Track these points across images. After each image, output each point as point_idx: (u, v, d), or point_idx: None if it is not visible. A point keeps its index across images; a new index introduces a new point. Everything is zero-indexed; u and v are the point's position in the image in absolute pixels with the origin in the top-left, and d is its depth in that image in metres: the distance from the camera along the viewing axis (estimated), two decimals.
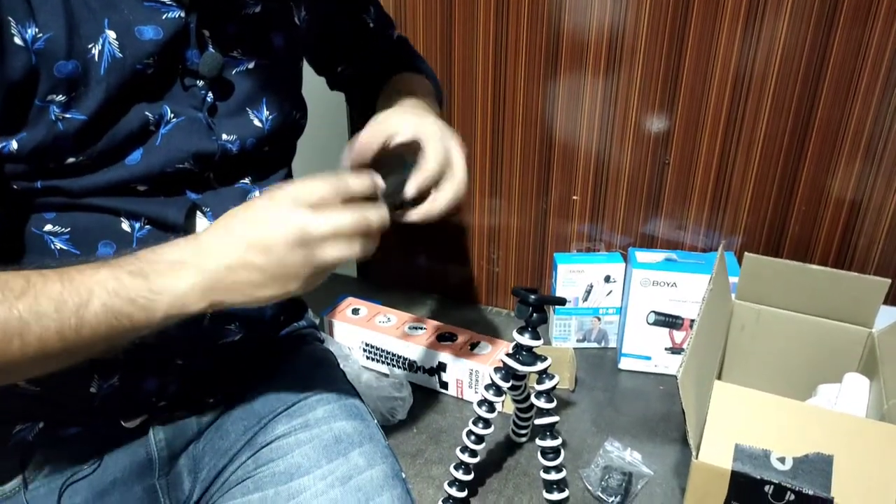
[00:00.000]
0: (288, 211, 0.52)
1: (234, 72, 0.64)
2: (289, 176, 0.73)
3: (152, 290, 0.51)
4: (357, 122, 0.85)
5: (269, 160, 0.68)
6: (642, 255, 1.15)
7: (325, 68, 0.87)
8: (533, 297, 0.82)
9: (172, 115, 0.59)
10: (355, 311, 1.21)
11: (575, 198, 1.23)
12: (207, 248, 0.53)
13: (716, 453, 0.72)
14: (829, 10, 0.99)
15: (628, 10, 1.07)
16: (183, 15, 0.58)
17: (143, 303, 0.51)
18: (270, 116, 0.66)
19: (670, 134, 1.13)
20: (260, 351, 0.76)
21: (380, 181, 0.58)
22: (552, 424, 0.86)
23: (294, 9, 0.70)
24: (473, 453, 0.88)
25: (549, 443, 0.86)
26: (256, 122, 0.65)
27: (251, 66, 0.65)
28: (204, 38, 0.60)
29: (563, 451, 0.87)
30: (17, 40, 0.51)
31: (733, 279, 1.03)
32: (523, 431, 1.01)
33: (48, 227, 0.58)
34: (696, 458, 0.72)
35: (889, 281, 0.92)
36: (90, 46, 0.54)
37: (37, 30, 0.52)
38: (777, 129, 1.08)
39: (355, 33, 0.81)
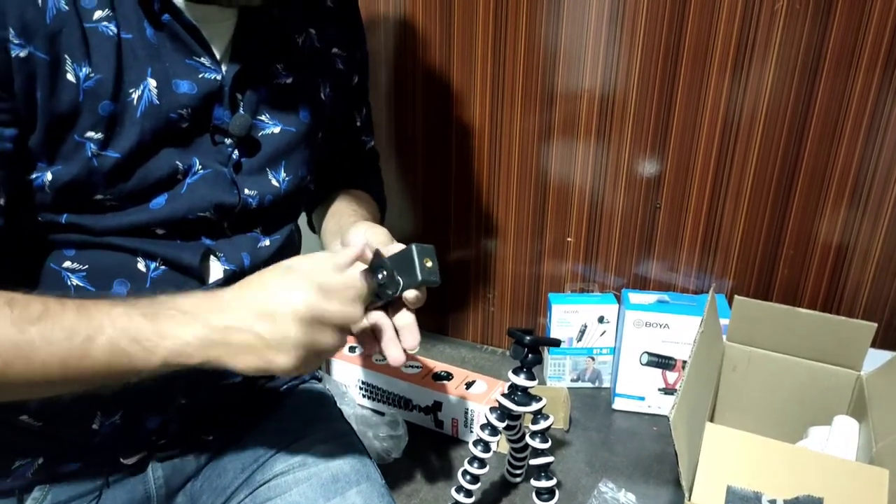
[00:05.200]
0: (305, 290, 0.55)
1: (260, 134, 0.67)
2: (295, 230, 0.76)
3: (158, 333, 0.53)
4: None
5: (280, 215, 0.71)
6: (635, 297, 1.17)
7: None
8: (528, 338, 0.83)
9: (200, 167, 0.62)
10: (352, 349, 1.22)
11: (569, 239, 1.25)
12: (220, 305, 0.55)
13: (708, 495, 0.73)
14: (812, 61, 1.03)
15: (620, 61, 1.11)
16: (219, 78, 0.62)
17: (146, 344, 0.52)
18: (287, 178, 0.69)
19: (661, 178, 1.16)
20: (259, 391, 0.77)
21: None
22: (547, 465, 0.86)
23: (321, 85, 0.74)
24: (469, 493, 0.89)
25: (543, 483, 0.86)
26: (274, 182, 0.68)
27: (277, 130, 0.68)
28: (236, 100, 0.64)
29: (557, 492, 0.88)
30: (70, 77, 0.54)
31: (724, 321, 1.05)
32: (518, 472, 1.02)
33: (67, 264, 0.60)
34: (689, 499, 0.73)
35: (876, 325, 0.94)
36: (131, 91, 0.57)
37: (90, 70, 0.55)
38: (764, 175, 1.11)
39: (341, 124, 0.85)
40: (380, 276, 0.62)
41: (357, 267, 0.62)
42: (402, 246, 0.65)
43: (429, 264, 0.62)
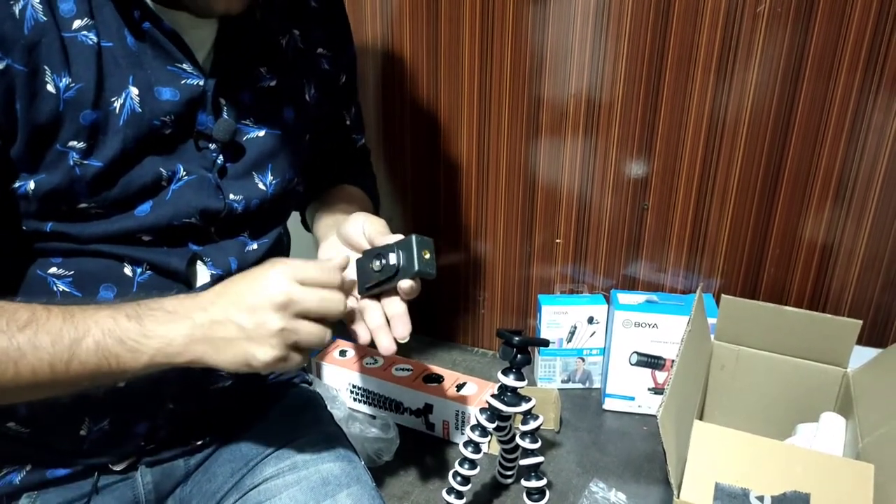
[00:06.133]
0: (280, 279, 0.56)
1: (245, 138, 0.67)
2: (284, 233, 0.76)
3: (144, 334, 0.54)
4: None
5: (268, 219, 0.71)
6: (624, 297, 1.17)
7: None
8: (517, 338, 0.84)
9: (184, 173, 0.62)
10: (342, 353, 1.22)
11: (558, 241, 1.26)
12: (203, 304, 0.56)
13: (696, 492, 0.73)
14: (794, 63, 1.05)
15: (606, 64, 1.12)
16: (201, 84, 0.61)
17: (131, 345, 0.53)
18: (274, 181, 0.69)
19: (648, 180, 1.17)
20: (249, 394, 0.77)
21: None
22: (537, 465, 0.87)
23: (305, 86, 0.74)
24: (460, 495, 0.89)
25: (534, 483, 0.87)
26: (261, 186, 0.68)
27: (261, 134, 0.68)
28: (220, 105, 0.64)
29: (548, 492, 0.88)
30: (50, 87, 0.54)
31: (712, 320, 1.05)
32: (509, 472, 1.02)
33: (53, 270, 0.60)
34: (678, 497, 0.73)
35: (861, 322, 0.95)
36: (113, 99, 0.57)
37: (70, 80, 0.55)
38: (750, 175, 1.12)
39: (330, 123, 0.85)
40: (378, 262, 0.62)
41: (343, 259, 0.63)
42: (400, 236, 0.65)
43: (427, 256, 0.63)
